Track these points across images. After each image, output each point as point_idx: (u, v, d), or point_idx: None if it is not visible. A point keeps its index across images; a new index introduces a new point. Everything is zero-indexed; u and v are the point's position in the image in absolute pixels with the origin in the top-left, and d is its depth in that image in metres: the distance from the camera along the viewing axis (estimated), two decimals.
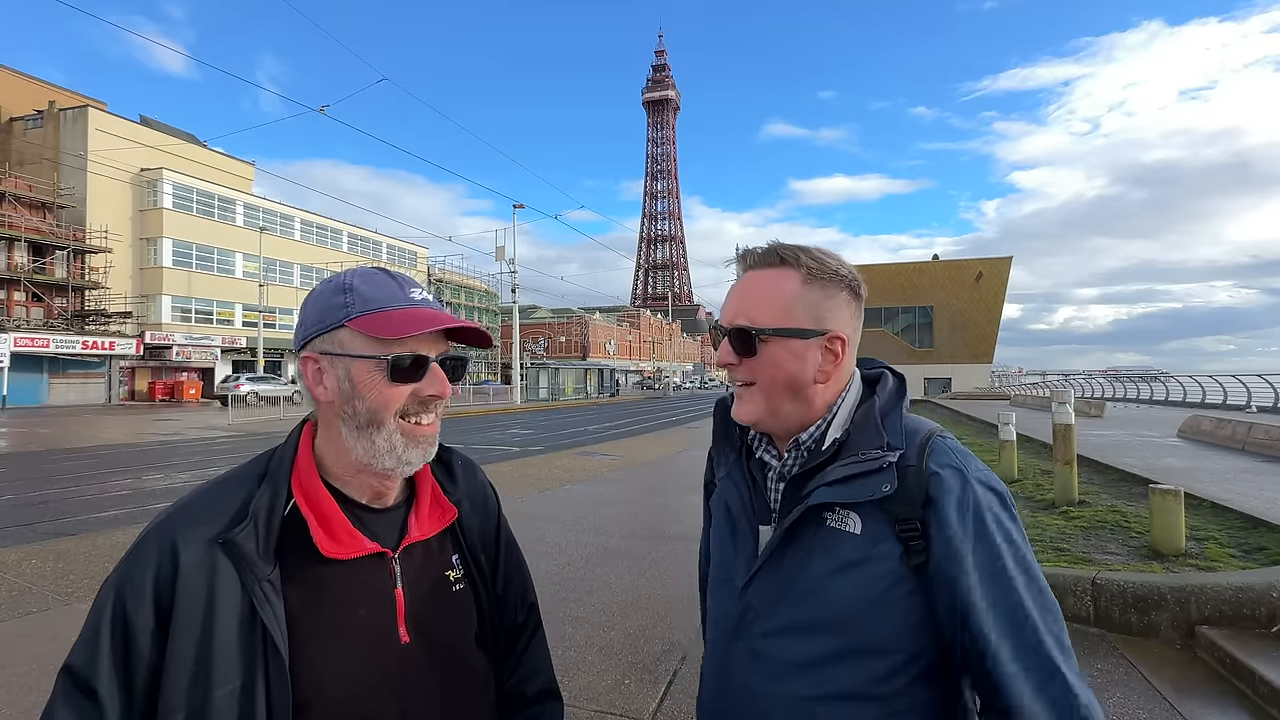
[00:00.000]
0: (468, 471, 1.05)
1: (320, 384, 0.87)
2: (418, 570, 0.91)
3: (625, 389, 67.38)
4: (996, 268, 42.15)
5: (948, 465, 0.87)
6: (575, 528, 6.73)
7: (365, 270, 0.91)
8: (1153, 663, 3.46)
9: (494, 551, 1.05)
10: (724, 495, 1.04)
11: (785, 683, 0.89)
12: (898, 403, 0.95)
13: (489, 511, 1.06)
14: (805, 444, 0.95)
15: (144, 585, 0.78)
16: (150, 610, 0.77)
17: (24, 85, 40.34)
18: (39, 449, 14.60)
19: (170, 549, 0.79)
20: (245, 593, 0.78)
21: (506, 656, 1.05)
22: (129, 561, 0.80)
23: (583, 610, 4.40)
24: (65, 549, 5.69)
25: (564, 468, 11.15)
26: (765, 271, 0.94)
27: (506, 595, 1.05)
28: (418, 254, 59.32)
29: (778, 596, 0.91)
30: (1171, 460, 9.35)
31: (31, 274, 33.14)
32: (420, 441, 0.87)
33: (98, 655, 0.77)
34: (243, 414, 24.96)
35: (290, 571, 0.82)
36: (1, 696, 3.16)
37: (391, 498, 0.93)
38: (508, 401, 36.01)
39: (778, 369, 0.91)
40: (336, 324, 0.85)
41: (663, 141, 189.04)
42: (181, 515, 0.83)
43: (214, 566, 0.79)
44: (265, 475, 0.86)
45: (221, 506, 0.83)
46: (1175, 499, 4.73)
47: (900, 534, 0.85)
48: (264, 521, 0.81)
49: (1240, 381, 23.50)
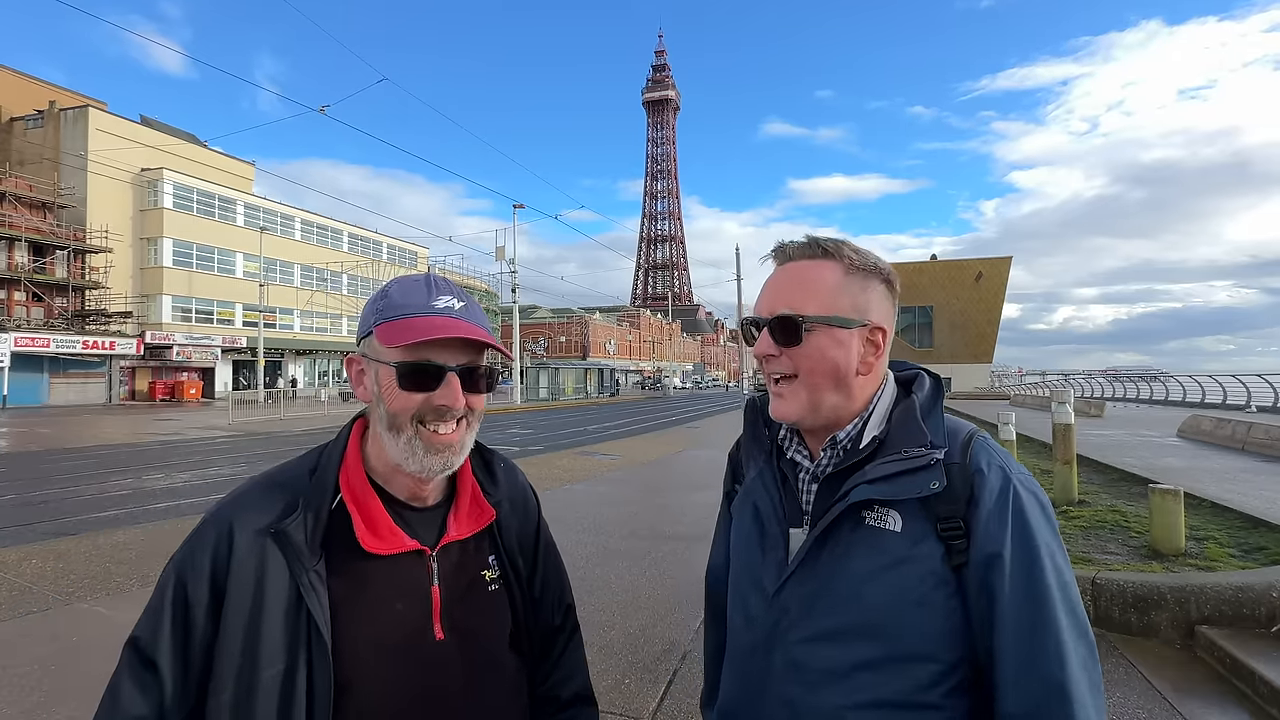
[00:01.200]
0: (509, 474, 1.07)
1: (360, 385, 0.92)
2: (454, 569, 0.93)
3: (625, 389, 67.37)
4: (996, 267, 42.12)
5: (993, 464, 0.86)
6: (575, 527, 6.73)
7: (408, 278, 0.93)
8: (1153, 663, 3.46)
9: (532, 554, 1.06)
10: (752, 496, 1.00)
11: (824, 692, 0.86)
12: (937, 401, 0.94)
13: (529, 514, 1.07)
14: (842, 442, 0.93)
15: (202, 567, 0.83)
16: (207, 590, 0.82)
17: (24, 85, 40.33)
18: (39, 449, 14.61)
19: (227, 534, 0.84)
20: (293, 580, 0.82)
21: (543, 659, 1.06)
22: (189, 544, 0.85)
23: (583, 610, 4.36)
24: (65, 549, 5.69)
25: (564, 467, 11.14)
26: (806, 263, 0.93)
27: (544, 598, 1.07)
28: (418, 254, 59.28)
29: (813, 600, 0.88)
30: (1171, 460, 9.35)
31: (32, 274, 33.13)
32: (438, 450, 0.88)
33: (160, 630, 0.81)
34: (243, 414, 24.96)
35: (334, 563, 0.86)
36: (2, 696, 3.16)
37: (431, 497, 0.95)
38: (508, 401, 36.02)
39: (823, 358, 0.90)
40: (369, 329, 0.90)
41: (663, 141, 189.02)
42: (238, 504, 0.88)
43: (265, 554, 0.83)
44: (315, 470, 0.91)
45: (274, 498, 0.87)
46: (1175, 499, 4.73)
47: (942, 533, 0.83)
48: (312, 514, 0.86)
49: (1240, 381, 23.49)
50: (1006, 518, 0.82)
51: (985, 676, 0.83)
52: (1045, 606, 0.79)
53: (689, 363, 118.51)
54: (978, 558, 0.82)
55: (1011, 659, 0.80)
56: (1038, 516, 0.83)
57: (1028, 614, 0.79)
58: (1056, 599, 0.80)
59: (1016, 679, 0.79)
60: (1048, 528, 0.84)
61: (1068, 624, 0.80)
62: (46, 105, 38.03)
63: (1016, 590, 0.80)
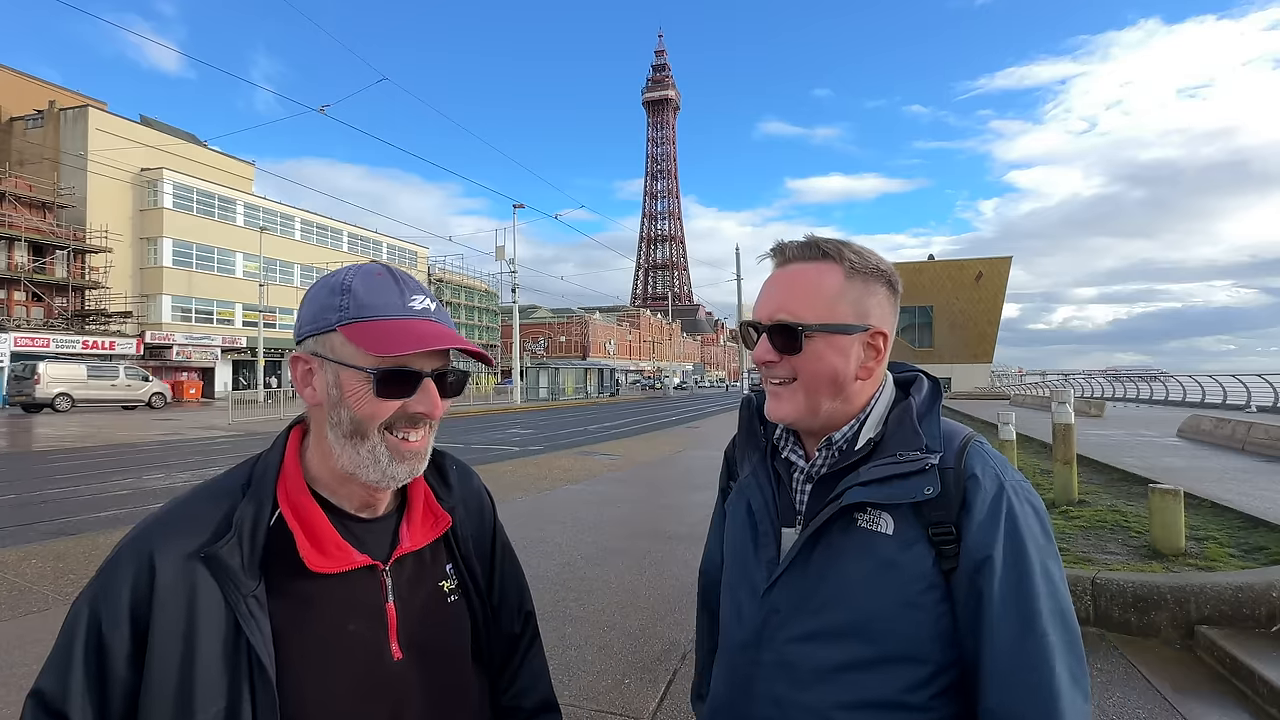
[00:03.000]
0: (462, 477, 1.01)
1: (309, 385, 0.83)
2: (410, 582, 0.87)
3: (625, 389, 67.39)
4: (996, 267, 42.14)
5: (987, 470, 0.85)
6: (575, 528, 6.73)
7: (367, 270, 0.84)
8: (1153, 662, 3.46)
9: (489, 560, 1.01)
10: (746, 494, 1.00)
11: (813, 691, 0.86)
12: (934, 405, 0.93)
13: (484, 518, 1.02)
14: (837, 444, 0.92)
15: (119, 603, 0.74)
16: (126, 629, 0.73)
17: (24, 85, 40.37)
18: (39, 449, 14.61)
19: (147, 563, 0.75)
20: (229, 609, 0.74)
21: (504, 669, 1.02)
22: (102, 578, 0.76)
23: (583, 610, 4.40)
24: (65, 549, 5.68)
25: (564, 467, 11.13)
26: (805, 265, 0.91)
27: (503, 605, 1.02)
28: (418, 254, 59.32)
29: (803, 600, 0.88)
30: (1171, 460, 9.35)
31: (31, 274, 33.15)
32: (406, 457, 0.82)
33: (69, 679, 0.73)
34: (243, 414, 24.95)
35: (276, 586, 0.78)
36: (2, 696, 3.16)
37: (382, 507, 0.88)
38: (508, 401, 36.02)
39: (822, 365, 0.88)
40: (329, 327, 0.80)
41: (663, 141, 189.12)
42: (159, 527, 0.79)
43: (194, 582, 0.74)
44: (249, 484, 0.82)
45: (202, 518, 0.79)
46: (1175, 499, 4.73)
47: (933, 537, 0.83)
48: (248, 534, 0.77)
49: (1240, 381, 23.50)
50: (999, 524, 0.82)
51: (970, 679, 0.84)
52: (1033, 613, 0.79)
53: (689, 363, 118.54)
54: (967, 563, 0.82)
55: (997, 663, 0.80)
56: (1031, 523, 0.83)
57: (1015, 619, 0.79)
58: (1045, 606, 0.80)
59: (1001, 683, 0.80)
60: (1041, 534, 0.83)
61: (1056, 631, 0.79)
62: (46, 105, 38.07)
63: (1006, 596, 0.80)
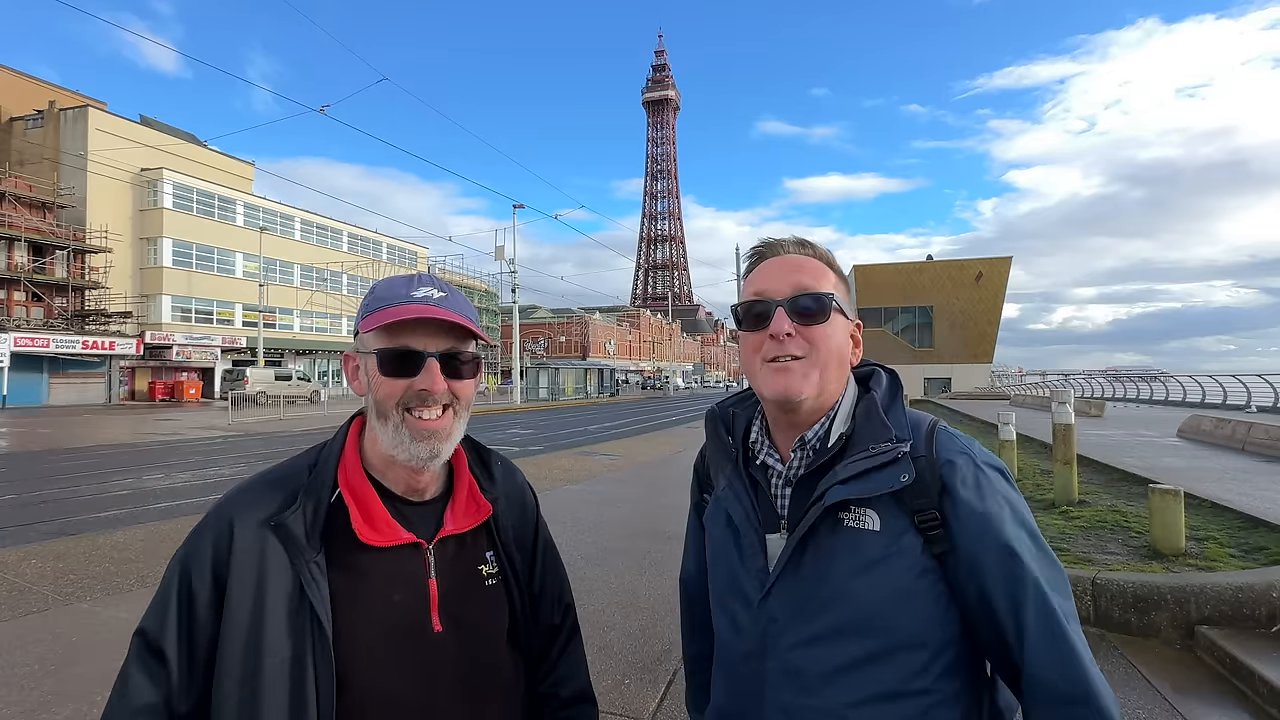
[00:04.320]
0: (507, 472, 1.09)
1: (355, 379, 0.96)
2: (451, 562, 0.95)
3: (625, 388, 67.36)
4: (996, 268, 42.17)
5: (959, 453, 0.89)
6: (575, 527, 6.73)
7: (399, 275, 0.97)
8: (1153, 663, 3.46)
9: (530, 552, 1.08)
10: (724, 504, 1.00)
11: (821, 694, 0.87)
12: (897, 396, 0.97)
13: (526, 512, 1.09)
14: (810, 442, 0.94)
15: (204, 559, 0.87)
16: (209, 582, 0.86)
17: (24, 85, 40.31)
18: (39, 449, 14.60)
19: (228, 528, 0.87)
20: (294, 572, 0.85)
21: (543, 658, 1.08)
22: (193, 538, 0.89)
23: (582, 610, 4.36)
24: (65, 549, 5.69)
25: (564, 468, 11.14)
26: (803, 257, 0.97)
27: (543, 596, 1.09)
28: (418, 254, 59.27)
29: (801, 605, 0.89)
30: (1171, 460, 9.36)
31: (31, 274, 33.12)
32: (423, 436, 0.90)
33: (166, 620, 0.85)
34: (243, 414, 24.95)
35: (334, 558, 0.88)
36: (2, 696, 3.16)
37: (428, 492, 0.98)
38: (508, 401, 36.01)
39: (836, 341, 0.93)
40: (358, 325, 0.94)
41: (663, 141, 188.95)
42: (239, 497, 0.91)
43: (265, 546, 0.86)
44: (315, 465, 0.94)
45: (274, 492, 0.91)
46: (1175, 499, 4.74)
47: (919, 524, 0.86)
48: (311, 508, 0.89)
49: (1240, 381, 23.49)
50: (985, 502, 0.86)
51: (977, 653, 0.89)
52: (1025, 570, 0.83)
53: (689, 363, 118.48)
54: (965, 542, 0.85)
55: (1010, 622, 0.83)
56: (1001, 485, 0.89)
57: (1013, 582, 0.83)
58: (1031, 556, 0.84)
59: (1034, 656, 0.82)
60: (1008, 487, 0.89)
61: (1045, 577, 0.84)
62: (46, 105, 38.00)
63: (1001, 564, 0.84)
